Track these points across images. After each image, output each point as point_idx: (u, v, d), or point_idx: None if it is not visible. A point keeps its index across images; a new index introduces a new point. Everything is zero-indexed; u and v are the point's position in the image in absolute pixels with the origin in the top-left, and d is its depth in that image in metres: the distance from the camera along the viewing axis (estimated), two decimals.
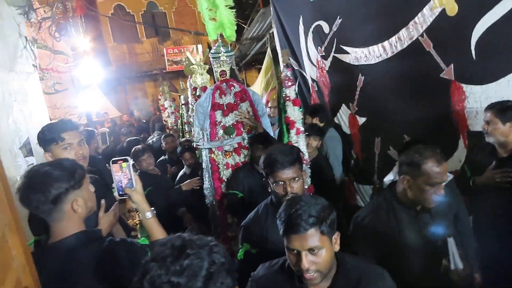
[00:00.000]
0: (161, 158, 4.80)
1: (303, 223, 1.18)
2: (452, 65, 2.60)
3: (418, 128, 2.97)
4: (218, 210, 3.20)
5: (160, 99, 7.42)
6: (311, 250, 1.19)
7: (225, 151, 3.20)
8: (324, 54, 3.84)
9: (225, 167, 3.19)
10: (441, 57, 2.66)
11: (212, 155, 3.19)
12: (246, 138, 3.18)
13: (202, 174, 3.38)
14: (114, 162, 1.42)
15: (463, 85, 2.57)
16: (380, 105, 3.30)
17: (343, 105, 3.74)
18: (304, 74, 4.36)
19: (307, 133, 3.05)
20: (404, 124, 3.09)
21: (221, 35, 3.21)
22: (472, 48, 2.43)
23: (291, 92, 2.67)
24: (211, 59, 3.20)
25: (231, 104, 3.16)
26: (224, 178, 3.20)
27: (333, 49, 3.68)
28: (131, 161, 1.42)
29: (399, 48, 2.96)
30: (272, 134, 3.33)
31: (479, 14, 2.34)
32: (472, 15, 2.39)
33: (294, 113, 2.69)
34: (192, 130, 4.70)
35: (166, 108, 6.67)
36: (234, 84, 3.23)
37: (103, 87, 12.12)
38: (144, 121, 11.00)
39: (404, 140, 3.10)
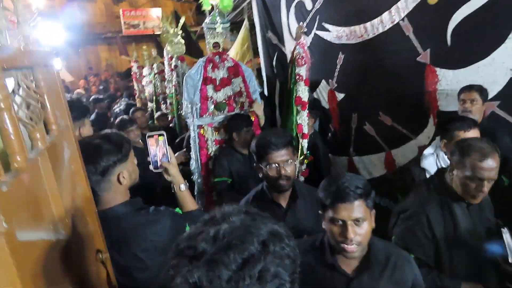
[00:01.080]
0: None
1: (352, 193, 1.22)
2: (428, 49, 2.85)
3: (393, 106, 3.25)
4: (203, 186, 3.18)
5: (132, 65, 6.98)
6: (356, 221, 1.23)
7: (215, 127, 3.14)
8: (306, 30, 3.95)
9: (214, 143, 3.14)
10: (419, 41, 2.90)
11: (201, 131, 3.11)
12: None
13: (187, 148, 3.34)
14: (150, 136, 1.48)
15: (437, 68, 2.85)
16: (358, 83, 3.53)
17: (323, 81, 3.93)
18: (283, 49, 4.46)
19: None
20: (380, 102, 3.36)
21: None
22: (448, 35, 2.69)
23: (303, 71, 2.59)
24: (205, 29, 3.08)
25: (224, 79, 3.07)
26: (212, 154, 3.15)
27: (315, 26, 3.81)
28: (165, 135, 1.49)
29: (380, 30, 3.17)
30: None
31: (458, 5, 2.58)
32: (451, 5, 2.62)
33: (305, 93, 2.65)
34: (169, 102, 4.66)
35: (144, 76, 6.19)
36: (227, 58, 3.14)
37: (53, 50, 11.25)
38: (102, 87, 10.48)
39: (379, 117, 3.38)
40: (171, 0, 13.09)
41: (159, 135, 1.48)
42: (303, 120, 2.64)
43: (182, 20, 4.47)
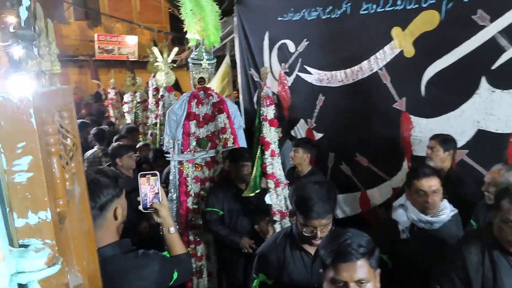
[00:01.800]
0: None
1: (354, 252, 1.14)
2: (404, 98, 3.07)
3: (370, 148, 3.41)
4: (180, 224, 3.02)
5: (109, 92, 6.80)
6: (359, 282, 1.14)
7: (196, 164, 3.03)
8: (288, 71, 4.13)
9: (193, 180, 3.02)
10: (395, 90, 3.12)
11: (182, 167, 3.01)
12: (221, 152, 3.06)
13: (166, 183, 3.20)
14: (142, 175, 1.45)
15: (412, 116, 3.05)
16: (337, 124, 3.69)
17: (302, 120, 4.06)
18: None
19: (297, 146, 3.24)
20: (357, 143, 3.51)
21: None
22: (423, 86, 2.92)
23: (269, 111, 2.54)
24: (190, 64, 3.09)
25: (208, 115, 3.03)
26: (191, 192, 3.03)
27: (297, 68, 3.99)
28: (159, 175, 1.47)
29: (360, 77, 3.37)
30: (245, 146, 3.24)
31: (431, 60, 2.83)
32: (425, 60, 2.87)
33: (270, 134, 2.55)
34: (150, 132, 4.58)
35: (126, 103, 5.99)
36: (213, 94, 3.11)
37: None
38: None
39: (356, 157, 3.52)
40: (147, 30, 13.17)
41: (152, 174, 1.45)
42: (267, 160, 2.52)
43: (174, 51, 4.40)
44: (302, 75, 3.96)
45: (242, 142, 3.23)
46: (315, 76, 3.82)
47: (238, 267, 2.80)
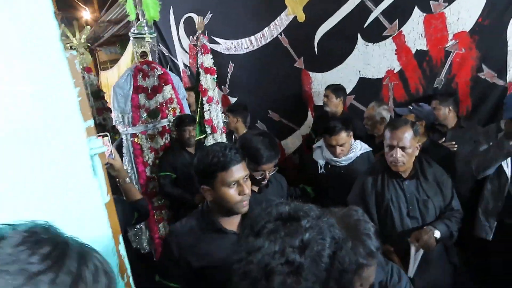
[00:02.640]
0: None
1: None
2: (302, 57, 3.60)
3: (279, 104, 3.92)
4: (143, 194, 2.99)
5: None
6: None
7: (149, 134, 3.14)
8: (196, 43, 4.36)
9: (149, 150, 3.14)
10: (294, 51, 3.63)
11: (136, 139, 3.11)
12: (172, 121, 3.16)
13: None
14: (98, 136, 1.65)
15: (310, 72, 3.61)
16: (248, 87, 4.11)
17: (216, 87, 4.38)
18: (175, 60, 4.77)
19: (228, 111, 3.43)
20: (268, 101, 3.99)
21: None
22: (315, 46, 3.47)
23: (205, 60, 2.83)
24: (132, 39, 3.12)
25: (155, 87, 3.11)
26: (149, 162, 3.14)
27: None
28: (109, 135, 1.70)
29: (263, 43, 3.81)
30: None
31: (319, 23, 3.37)
32: (314, 23, 3.40)
33: (207, 81, 2.89)
34: None
35: None
36: (157, 67, 3.19)
37: None
38: None
39: (268, 115, 4.01)
40: None
41: (104, 135, 1.65)
42: (205, 106, 2.84)
43: (87, 31, 4.24)
44: (211, 45, 4.24)
45: (187, 111, 3.41)
46: (223, 46, 4.15)
47: None
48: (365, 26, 3.12)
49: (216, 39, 4.17)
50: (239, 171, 1.29)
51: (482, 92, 2.77)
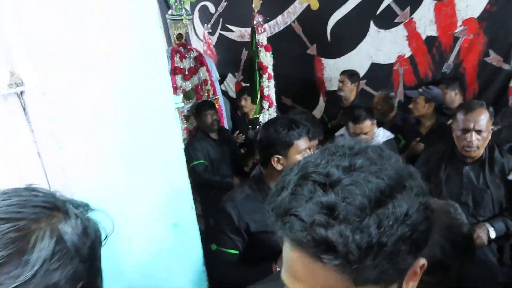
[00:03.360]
0: None
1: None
2: (315, 44, 3.75)
3: (292, 90, 4.08)
4: None
5: None
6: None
7: (184, 115, 3.18)
8: (211, 30, 4.51)
9: (184, 131, 3.17)
10: (307, 38, 3.77)
11: None
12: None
13: None
14: None
15: (322, 58, 3.76)
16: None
17: (230, 74, 4.54)
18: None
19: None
20: (281, 87, 4.12)
21: None
22: (328, 33, 3.62)
23: (263, 38, 2.91)
24: (168, 20, 3.21)
25: (192, 68, 3.18)
26: (184, 142, 3.08)
27: (219, 27, 4.39)
28: None
29: (277, 30, 3.95)
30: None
31: (332, 11, 3.51)
32: (328, 11, 3.54)
33: (266, 58, 2.95)
34: None
35: None
36: (192, 48, 3.30)
37: None
38: None
39: (282, 100, 4.17)
40: None
41: None
42: (265, 83, 2.94)
43: None
44: (225, 33, 4.39)
45: (219, 93, 3.49)
46: (236, 33, 4.29)
47: None
48: (377, 13, 3.26)
49: (230, 26, 4.30)
50: (308, 140, 1.42)
51: (489, 76, 2.92)
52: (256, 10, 2.93)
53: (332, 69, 3.74)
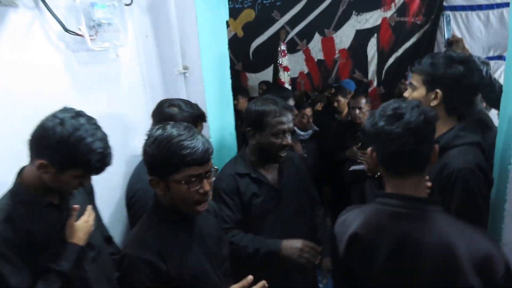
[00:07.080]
0: None
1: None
2: (241, 62, 4.99)
3: None
4: None
5: None
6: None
7: None
8: None
9: None
10: (235, 57, 4.99)
11: None
12: None
13: None
14: None
15: (247, 73, 5.02)
16: None
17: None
18: None
19: None
20: None
21: None
22: (251, 53, 4.90)
23: (284, 60, 4.05)
24: None
25: None
26: None
27: None
28: None
29: None
30: None
31: (253, 38, 4.82)
32: (250, 39, 4.83)
33: (284, 76, 4.05)
34: None
35: None
36: None
37: None
38: None
39: None
40: None
41: None
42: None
43: None
44: None
45: None
46: None
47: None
48: (285, 42, 4.67)
49: None
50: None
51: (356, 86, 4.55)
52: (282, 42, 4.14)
53: (253, 80, 5.01)
